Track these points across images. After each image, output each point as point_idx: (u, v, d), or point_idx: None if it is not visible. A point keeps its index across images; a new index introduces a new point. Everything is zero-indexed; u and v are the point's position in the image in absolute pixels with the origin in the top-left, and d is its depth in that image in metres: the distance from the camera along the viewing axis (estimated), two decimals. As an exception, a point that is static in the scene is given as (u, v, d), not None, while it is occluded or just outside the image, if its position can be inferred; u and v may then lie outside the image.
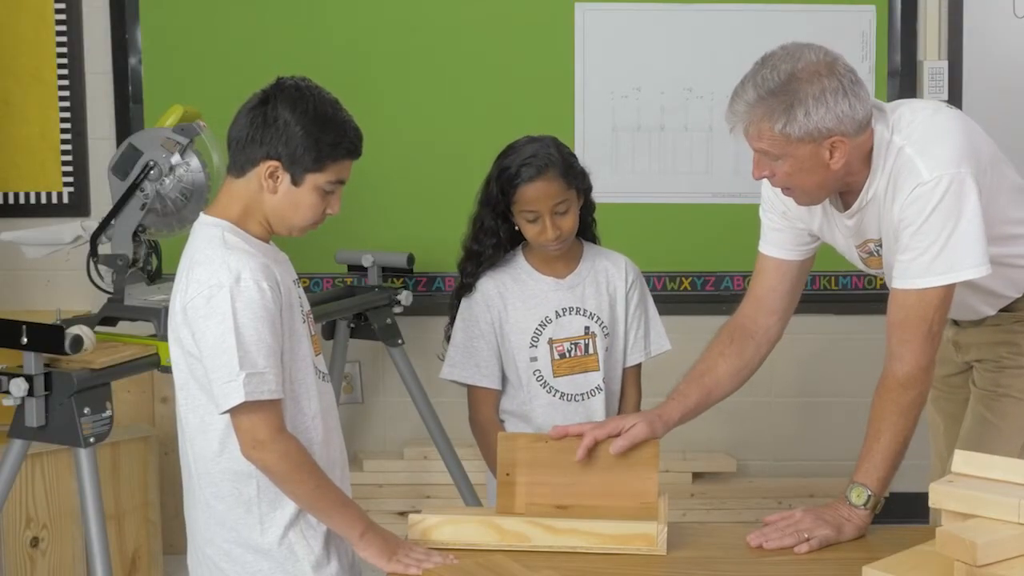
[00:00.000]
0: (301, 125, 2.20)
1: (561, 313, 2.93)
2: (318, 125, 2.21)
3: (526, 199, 2.84)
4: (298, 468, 2.19)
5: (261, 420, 2.16)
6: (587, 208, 2.96)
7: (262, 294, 2.16)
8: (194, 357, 2.22)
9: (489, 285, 2.94)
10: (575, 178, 2.88)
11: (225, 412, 2.17)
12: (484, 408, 2.97)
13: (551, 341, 2.92)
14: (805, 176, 2.36)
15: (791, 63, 2.30)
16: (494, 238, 2.93)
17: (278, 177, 2.22)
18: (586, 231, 3.00)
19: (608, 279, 2.97)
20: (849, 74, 2.32)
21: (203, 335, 2.17)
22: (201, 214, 2.30)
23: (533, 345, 2.92)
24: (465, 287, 2.97)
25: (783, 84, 2.29)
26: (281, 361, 2.20)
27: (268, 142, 2.21)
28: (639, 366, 3.03)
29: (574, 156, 2.92)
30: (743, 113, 2.33)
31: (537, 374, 2.92)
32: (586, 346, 2.94)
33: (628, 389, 3.02)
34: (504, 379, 2.97)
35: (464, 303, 2.97)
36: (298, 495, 2.22)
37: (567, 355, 2.93)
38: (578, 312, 2.94)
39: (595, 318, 2.94)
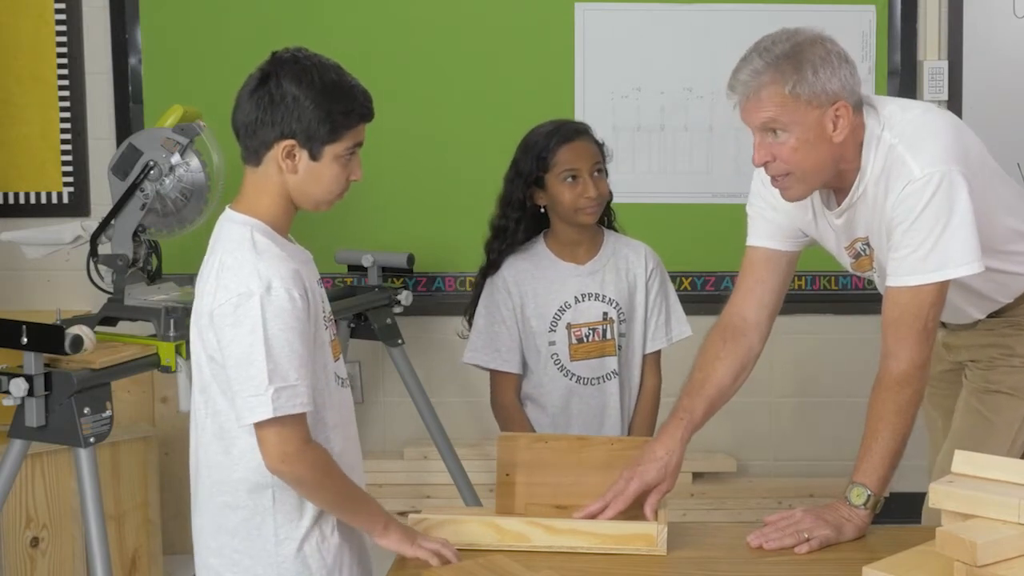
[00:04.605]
0: (310, 98, 2.12)
1: (580, 299, 3.00)
2: (327, 95, 2.13)
3: (566, 159, 2.93)
4: (327, 475, 2.15)
5: (291, 433, 2.09)
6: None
7: (293, 303, 2.09)
8: (218, 364, 2.14)
9: (511, 271, 3.02)
10: (602, 150, 3.01)
11: (246, 424, 2.11)
12: (506, 392, 3.04)
13: (569, 326, 2.99)
14: (809, 151, 2.34)
15: (791, 35, 2.35)
16: (519, 211, 2.99)
17: (296, 155, 2.14)
18: (607, 218, 3.09)
19: (628, 266, 3.04)
20: (843, 50, 2.37)
21: (230, 344, 2.09)
22: (228, 208, 2.21)
23: (552, 329, 2.99)
24: (491, 265, 3.04)
25: (790, 50, 2.32)
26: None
27: (280, 121, 2.12)
28: (659, 353, 3.09)
29: None
30: (748, 81, 2.33)
31: (555, 358, 3.00)
32: (604, 331, 3.00)
33: (647, 376, 3.08)
34: (525, 364, 3.03)
35: (487, 288, 3.05)
36: (327, 500, 2.19)
37: (585, 340, 3.00)
38: (597, 298, 3.00)
39: (614, 304, 3.00)
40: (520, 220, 3.01)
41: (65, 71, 4.26)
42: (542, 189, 2.97)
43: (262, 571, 2.21)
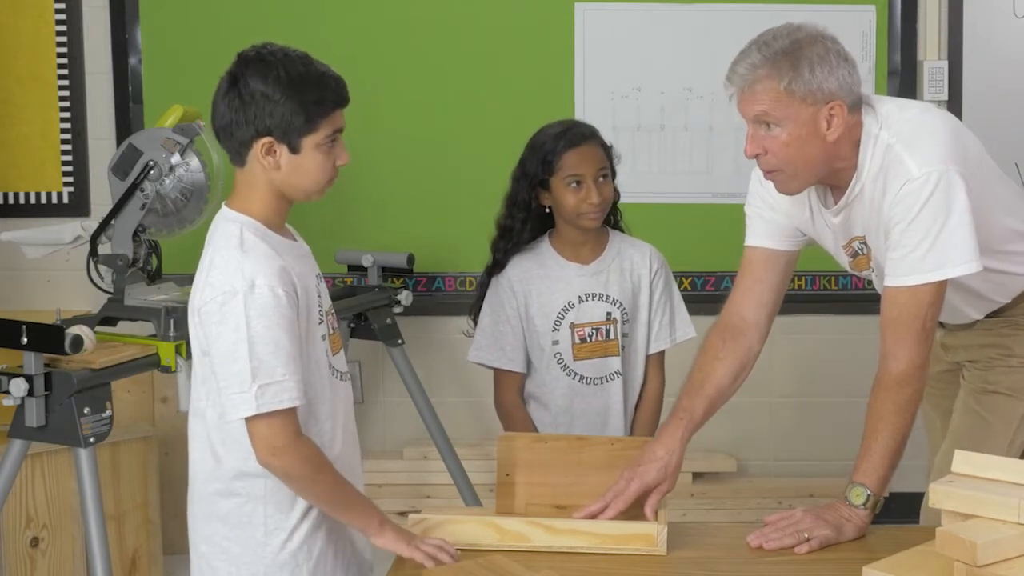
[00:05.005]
0: (279, 92, 2.13)
1: (584, 298, 3.01)
2: (296, 87, 2.13)
3: (571, 164, 2.93)
4: (319, 470, 2.16)
5: (280, 427, 2.11)
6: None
7: (277, 300, 2.11)
8: (210, 357, 2.17)
9: (515, 271, 3.03)
10: (610, 153, 3.00)
11: (232, 421, 2.13)
12: (509, 391, 3.05)
13: (573, 325, 3.00)
14: (801, 147, 2.35)
15: (792, 31, 2.35)
16: (524, 212, 3.00)
17: (276, 151, 2.15)
18: (614, 220, 3.09)
19: (633, 267, 3.05)
20: (845, 48, 2.37)
21: (216, 341, 2.13)
22: (224, 206, 2.24)
23: (555, 329, 3.00)
24: (497, 264, 3.05)
25: (788, 47, 2.32)
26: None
27: (253, 120, 2.14)
28: (663, 353, 3.10)
29: None
30: (745, 74, 2.33)
31: (558, 357, 3.01)
32: (607, 331, 3.01)
33: (651, 376, 3.09)
34: (529, 363, 3.05)
35: (492, 287, 3.06)
36: (318, 495, 2.19)
37: (588, 340, 3.01)
38: (601, 298, 3.01)
39: (617, 304, 3.01)
40: (526, 220, 3.02)
41: (65, 71, 4.26)
42: (547, 191, 2.97)
43: (249, 559, 2.23)
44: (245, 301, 2.09)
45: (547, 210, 3.02)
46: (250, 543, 2.22)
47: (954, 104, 4.23)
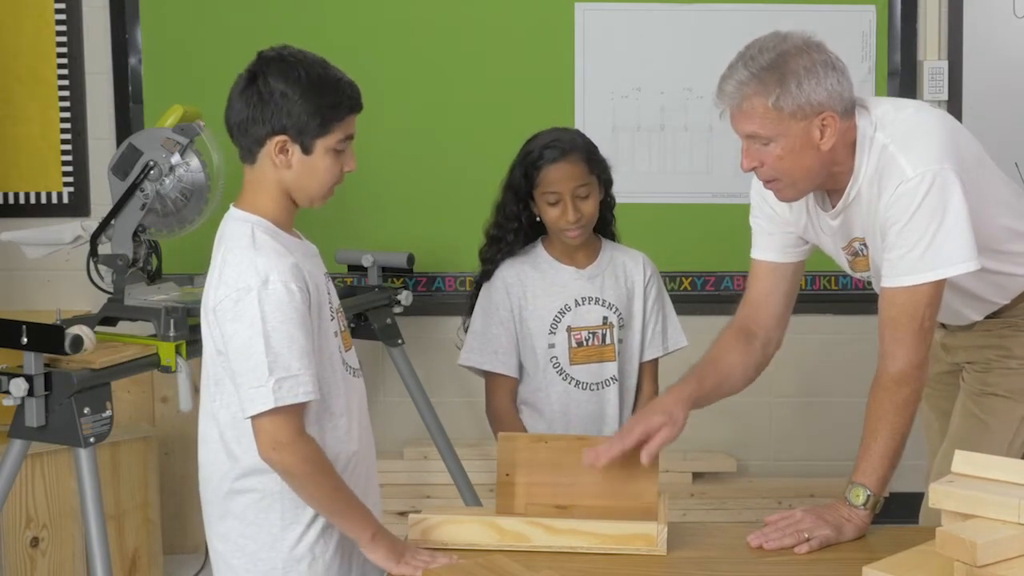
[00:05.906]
0: (298, 93, 2.16)
1: (580, 302, 2.98)
2: (314, 89, 2.17)
3: (549, 180, 2.89)
4: (319, 470, 2.17)
5: (284, 423, 2.12)
6: (607, 204, 3.01)
7: (291, 296, 2.13)
8: (225, 356, 2.19)
9: (510, 272, 2.99)
10: (597, 165, 2.95)
11: (250, 416, 2.14)
12: (501, 396, 3.01)
13: (570, 329, 2.97)
14: (796, 159, 2.35)
15: (778, 43, 2.34)
16: (515, 223, 2.97)
17: (288, 150, 2.18)
18: (605, 228, 3.06)
19: (626, 273, 3.02)
20: (834, 55, 2.36)
21: (231, 338, 2.15)
22: (232, 206, 2.26)
23: (552, 332, 2.97)
24: (485, 274, 3.02)
25: (774, 60, 2.31)
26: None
27: (270, 118, 2.17)
28: (656, 361, 3.08)
29: (596, 147, 2.98)
30: (733, 92, 2.33)
31: (554, 361, 2.97)
32: (603, 336, 2.98)
33: (645, 383, 3.06)
34: (520, 368, 3.01)
35: (484, 290, 3.02)
36: (315, 497, 2.20)
37: (585, 344, 2.97)
38: (597, 302, 2.98)
39: (613, 309, 2.99)
40: (518, 230, 2.98)
41: (65, 71, 4.26)
42: (534, 201, 2.95)
43: (266, 555, 2.24)
44: (260, 297, 2.12)
45: (538, 218, 2.98)
46: (266, 538, 2.24)
47: (954, 104, 4.23)
